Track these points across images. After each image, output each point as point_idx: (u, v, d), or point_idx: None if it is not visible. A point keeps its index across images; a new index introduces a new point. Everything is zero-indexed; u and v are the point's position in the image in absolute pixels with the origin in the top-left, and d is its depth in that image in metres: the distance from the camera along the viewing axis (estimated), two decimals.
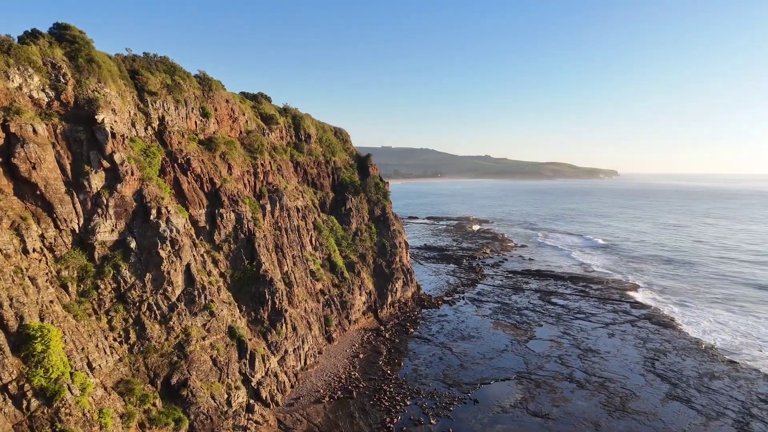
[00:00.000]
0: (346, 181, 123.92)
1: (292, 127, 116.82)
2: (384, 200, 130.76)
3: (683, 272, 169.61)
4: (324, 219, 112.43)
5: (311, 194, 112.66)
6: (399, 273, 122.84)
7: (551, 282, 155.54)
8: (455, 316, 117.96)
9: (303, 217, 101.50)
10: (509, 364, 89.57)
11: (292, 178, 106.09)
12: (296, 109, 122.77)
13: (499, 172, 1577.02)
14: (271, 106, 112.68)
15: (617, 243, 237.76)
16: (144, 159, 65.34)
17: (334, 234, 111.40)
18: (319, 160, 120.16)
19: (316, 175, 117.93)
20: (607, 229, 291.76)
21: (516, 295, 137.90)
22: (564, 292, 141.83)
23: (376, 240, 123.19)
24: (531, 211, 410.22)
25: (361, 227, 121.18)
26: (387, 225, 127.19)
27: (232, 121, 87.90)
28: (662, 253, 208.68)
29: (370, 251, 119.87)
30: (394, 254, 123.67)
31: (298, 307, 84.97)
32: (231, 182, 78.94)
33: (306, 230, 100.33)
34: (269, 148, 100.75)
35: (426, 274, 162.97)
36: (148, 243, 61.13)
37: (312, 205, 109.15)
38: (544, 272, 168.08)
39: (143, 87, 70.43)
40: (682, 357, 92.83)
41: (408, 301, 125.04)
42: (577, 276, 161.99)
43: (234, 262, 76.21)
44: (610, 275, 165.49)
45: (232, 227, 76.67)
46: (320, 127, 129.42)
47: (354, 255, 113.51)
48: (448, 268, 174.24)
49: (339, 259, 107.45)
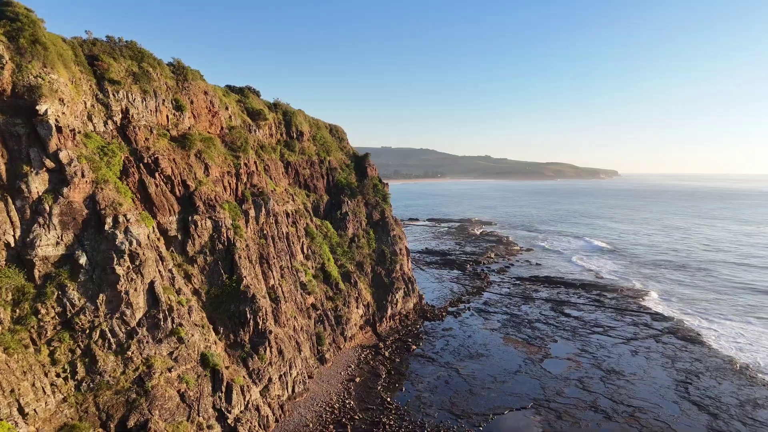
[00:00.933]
0: (342, 183, 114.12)
1: (282, 124, 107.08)
2: (383, 203, 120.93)
3: (700, 279, 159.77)
4: (317, 224, 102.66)
5: (303, 197, 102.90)
6: (400, 282, 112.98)
7: (562, 290, 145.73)
8: (461, 330, 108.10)
9: (293, 222, 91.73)
10: (524, 389, 79.66)
11: (281, 180, 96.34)
12: (288, 105, 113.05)
13: (500, 172, 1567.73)
14: (260, 101, 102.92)
15: (626, 246, 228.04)
16: (101, 158, 55.59)
17: (328, 241, 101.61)
18: (312, 160, 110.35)
19: (309, 176, 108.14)
20: (613, 232, 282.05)
21: (526, 306, 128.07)
22: (577, 301, 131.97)
23: (374, 247, 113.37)
24: (534, 213, 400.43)
25: (358, 233, 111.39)
26: (386, 230, 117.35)
27: (212, 115, 78.05)
28: (674, 257, 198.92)
29: (368, 259, 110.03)
30: (395, 262, 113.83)
31: (285, 325, 75.10)
32: (208, 185, 69.09)
33: (297, 237, 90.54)
34: (255, 147, 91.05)
35: (428, 282, 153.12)
36: (102, 258, 51.25)
37: (304, 209, 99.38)
38: (553, 279, 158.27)
39: (103, 75, 60.57)
40: (717, 380, 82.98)
41: (410, 313, 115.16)
42: (589, 283, 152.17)
43: (210, 277, 66.33)
44: (624, 282, 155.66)
45: (208, 236, 66.78)
46: (314, 124, 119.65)
47: (350, 264, 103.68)
48: (451, 275, 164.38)
49: (333, 268, 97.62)
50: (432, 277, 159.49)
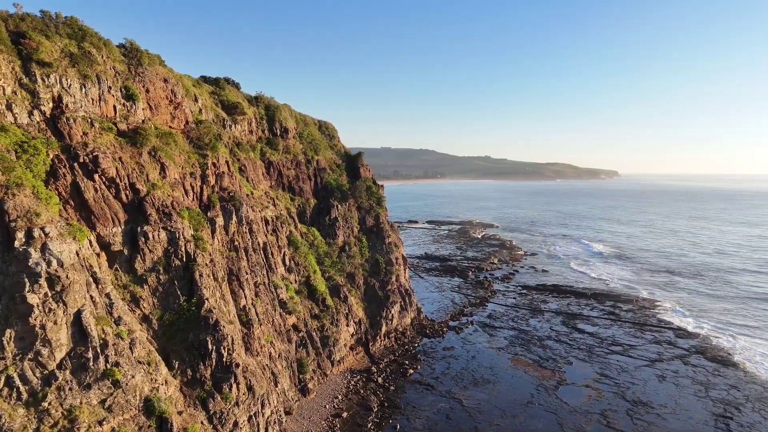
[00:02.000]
0: (331, 185, 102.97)
1: (264, 120, 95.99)
2: (378, 207, 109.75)
3: (719, 288, 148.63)
4: (303, 232, 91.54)
5: (287, 201, 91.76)
6: (395, 295, 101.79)
7: (572, 300, 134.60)
8: (464, 350, 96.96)
9: (274, 230, 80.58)
10: (539, 425, 68.47)
11: (261, 182, 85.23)
12: (272, 98, 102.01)
13: (500, 172, 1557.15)
14: (238, 94, 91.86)
15: (634, 251, 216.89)
16: (17, 156, 44.53)
17: (314, 250, 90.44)
18: (298, 160, 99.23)
19: (294, 177, 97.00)
20: (619, 235, 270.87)
21: (534, 319, 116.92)
22: (590, 314, 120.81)
23: (367, 256, 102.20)
24: (536, 215, 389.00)
25: (349, 240, 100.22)
26: (381, 237, 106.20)
27: (174, 107, 66.84)
28: (686, 263, 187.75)
29: (360, 270, 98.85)
30: (390, 273, 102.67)
31: (259, 353, 63.95)
32: (164, 188, 57.94)
33: (277, 248, 79.39)
34: (231, 144, 79.99)
35: (427, 291, 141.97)
36: (11, 283, 40.15)
37: (287, 215, 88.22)
38: (562, 288, 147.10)
39: (31, 55, 49.51)
40: (761, 412, 71.95)
41: (407, 329, 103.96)
42: (600, 293, 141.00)
43: (164, 300, 55.14)
44: (637, 291, 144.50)
45: (162, 251, 55.59)
46: (301, 119, 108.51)
47: (340, 276, 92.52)
48: (452, 283, 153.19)
49: (320, 282, 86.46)
50: (432, 286, 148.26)
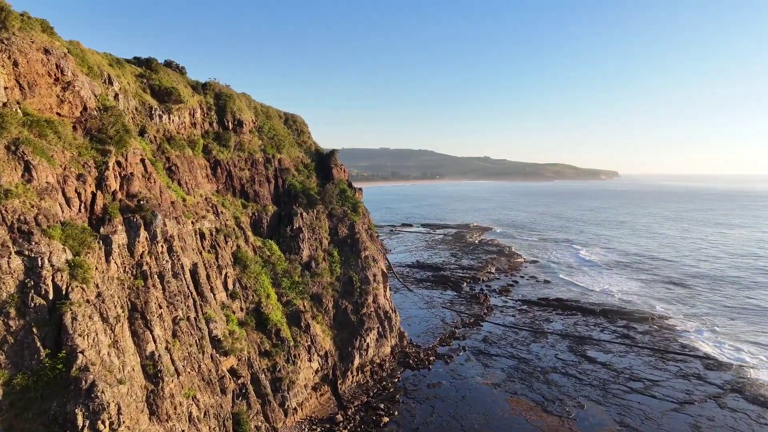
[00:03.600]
0: (295, 188, 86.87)
1: (213, 111, 79.88)
2: (353, 214, 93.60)
3: (745, 304, 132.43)
4: (257, 246, 75.39)
5: (236, 209, 75.63)
6: (372, 320, 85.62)
7: (579, 319, 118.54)
8: (453, 386, 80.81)
9: (213, 246, 64.39)
10: None
11: (202, 185, 69.14)
12: (226, 86, 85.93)
13: (500, 173, 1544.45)
14: (179, 79, 75.75)
15: (644, 259, 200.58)
16: None
17: (270, 269, 74.26)
18: (254, 158, 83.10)
19: (249, 179, 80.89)
20: (625, 240, 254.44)
21: (536, 344, 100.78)
22: (601, 337, 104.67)
23: (338, 273, 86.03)
24: (536, 218, 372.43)
25: (316, 255, 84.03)
26: (356, 250, 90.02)
27: (62, 87, 50.56)
28: (704, 273, 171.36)
29: (328, 290, 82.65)
30: (366, 293, 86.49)
31: (171, 418, 47.73)
32: (25, 196, 41.79)
33: (216, 269, 63.17)
34: (159, 139, 63.90)
35: (416, 308, 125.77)
36: None
37: (235, 225, 72.07)
38: (567, 303, 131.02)
39: None
40: None
41: (385, 360, 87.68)
42: (611, 309, 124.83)
43: (16, 356, 39.03)
44: (652, 307, 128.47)
45: (15, 286, 39.45)
46: (262, 111, 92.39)
47: (302, 299, 76.31)
48: (444, 297, 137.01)
49: (275, 308, 70.23)
50: (421, 301, 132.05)
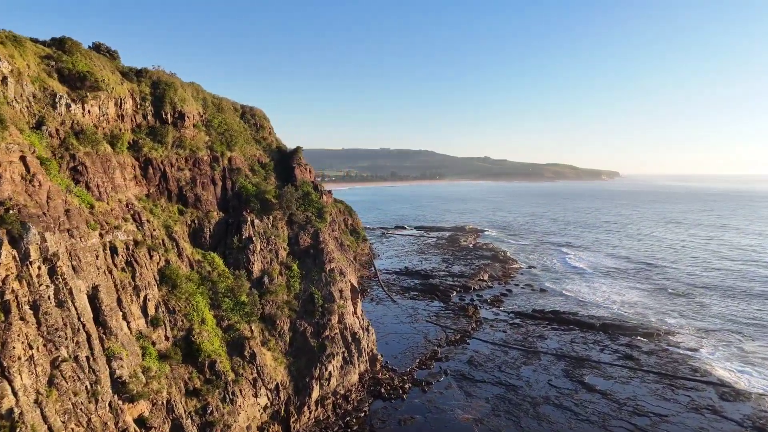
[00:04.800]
0: (247, 191, 75.44)
1: (148, 101, 68.51)
2: (318, 221, 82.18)
3: (760, 316, 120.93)
4: (196, 260, 64.02)
5: (169, 215, 64.24)
6: (336, 344, 74.13)
7: (576, 334, 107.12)
8: (428, 421, 69.33)
9: (130, 263, 52.99)
10: None
11: (123, 188, 57.78)
12: (169, 74, 74.64)
13: (500, 173, 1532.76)
14: (105, 63, 64.34)
15: (647, 264, 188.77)
16: None
17: (209, 286, 62.86)
18: (197, 157, 71.71)
19: (189, 181, 69.50)
20: (627, 243, 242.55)
21: (528, 366, 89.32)
22: (600, 358, 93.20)
23: (298, 289, 74.60)
24: (535, 220, 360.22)
25: (270, 269, 72.55)
26: (320, 262, 78.56)
27: None
28: (714, 282, 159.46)
29: (284, 310, 71.17)
30: (329, 312, 74.98)
31: None
32: None
33: (132, 290, 51.68)
34: (64, 132, 52.56)
35: (397, 322, 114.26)
36: None
37: (166, 236, 60.68)
38: (563, 315, 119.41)
39: None
40: None
41: (352, 390, 76.06)
42: (611, 323, 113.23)
43: None
44: (657, 320, 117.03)
45: None
46: (213, 104, 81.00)
47: (248, 322, 64.79)
48: (430, 309, 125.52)
49: (211, 335, 58.77)
50: (404, 314, 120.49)
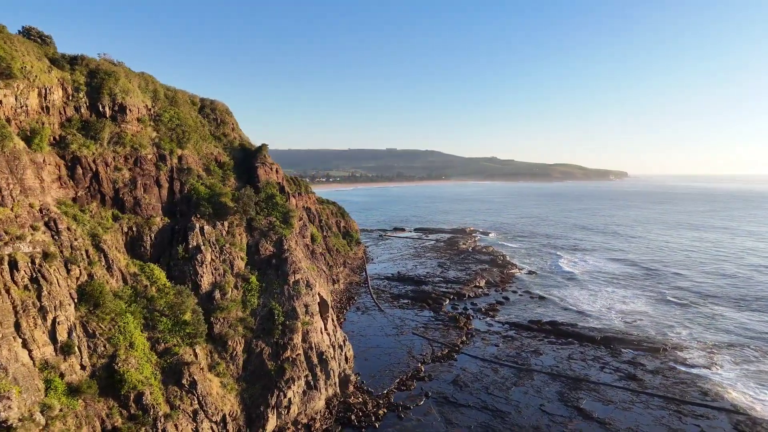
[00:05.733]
0: (199, 194, 67.39)
1: (83, 92, 60.71)
2: (283, 227, 74.02)
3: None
4: (131, 273, 56.07)
5: (101, 222, 56.31)
6: (298, 367, 65.86)
7: (575, 349, 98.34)
8: None
9: (35, 279, 45.10)
10: None
11: (38, 191, 49.91)
12: (112, 62, 66.84)
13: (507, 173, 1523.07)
14: (31, 49, 56.60)
15: (657, 269, 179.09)
16: None
17: (146, 304, 54.86)
18: (139, 155, 63.78)
19: (127, 182, 61.56)
20: (634, 247, 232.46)
21: (519, 388, 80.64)
22: (600, 378, 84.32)
23: (256, 304, 66.44)
24: (540, 221, 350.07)
25: (223, 282, 64.48)
26: (283, 273, 70.33)
27: None
28: (728, 290, 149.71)
29: (238, 329, 63.07)
30: (292, 330, 66.72)
31: None
32: None
33: (38, 311, 43.79)
34: None
35: (381, 334, 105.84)
36: None
37: (92, 245, 52.77)
38: (562, 327, 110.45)
39: None
40: None
41: (316, 418, 67.57)
42: (614, 336, 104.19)
43: None
44: (664, 332, 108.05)
45: None
46: (167, 96, 72.99)
47: (190, 345, 56.66)
48: (419, 319, 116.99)
49: (141, 362, 50.65)
50: (390, 326, 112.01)
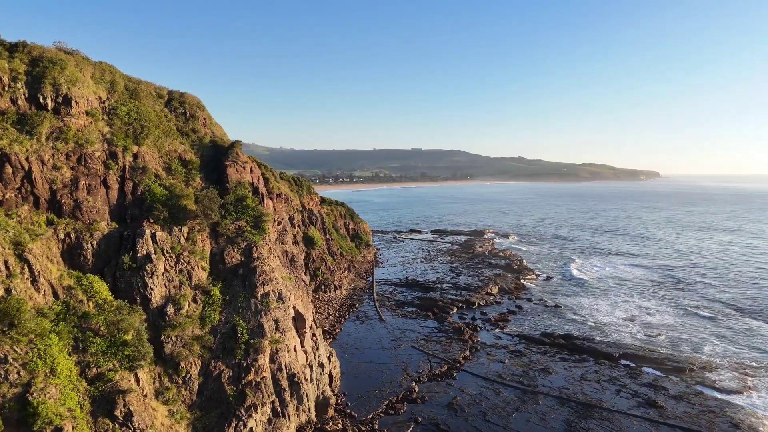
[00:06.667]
0: (154, 196, 60.48)
1: (21, 82, 54.46)
2: (254, 233, 66.61)
3: None
4: (65, 286, 49.35)
5: (30, 228, 49.73)
6: (262, 391, 58.33)
7: (589, 367, 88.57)
8: None
9: None
10: None
11: None
12: (65, 50, 60.56)
13: (534, 174, 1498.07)
14: None
15: (687, 277, 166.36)
16: None
17: (77, 322, 48.01)
18: (84, 153, 57.18)
19: (68, 183, 54.93)
20: (665, 252, 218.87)
21: (522, 413, 71.51)
22: (615, 404, 74.46)
23: (217, 320, 59.21)
24: (564, 223, 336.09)
25: (179, 295, 57.37)
26: (251, 285, 62.90)
27: None
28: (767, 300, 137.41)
29: (194, 347, 55.88)
30: (257, 349, 59.22)
31: None
32: None
33: None
34: None
35: (377, 347, 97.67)
36: None
37: (14, 255, 46.14)
38: (577, 341, 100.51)
39: None
40: None
41: None
42: (634, 353, 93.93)
43: None
44: (694, 351, 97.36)
45: None
46: (128, 87, 66.26)
47: (130, 369, 49.64)
48: (420, 330, 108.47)
49: (63, 392, 43.73)
50: (388, 337, 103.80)
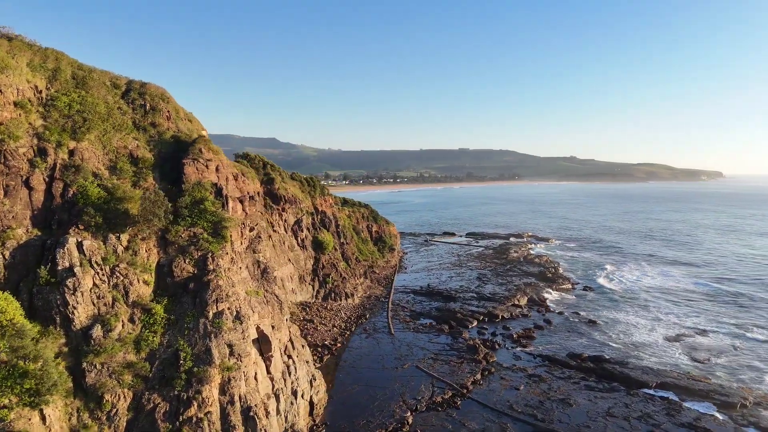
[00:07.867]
0: (87, 198, 53.07)
1: None
2: (210, 241, 58.26)
3: None
4: None
5: None
6: (204, 430, 49.83)
7: (618, 399, 75.48)
8: None
9: None
10: None
11: None
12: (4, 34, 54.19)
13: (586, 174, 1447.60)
14: None
15: (745, 292, 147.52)
16: None
17: None
18: (6, 148, 50.22)
19: None
20: (726, 260, 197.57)
21: None
22: None
23: (157, 344, 51.15)
24: (611, 226, 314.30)
25: (110, 315, 49.60)
26: (202, 302, 54.55)
27: None
28: None
29: (123, 377, 47.86)
30: (201, 379, 50.67)
31: None
32: None
33: None
34: None
35: (377, 366, 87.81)
36: None
37: None
38: (607, 366, 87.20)
39: None
40: None
41: None
42: (675, 383, 79.94)
43: None
44: (748, 382, 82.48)
45: None
46: (76, 76, 59.34)
47: (32, 405, 42.04)
48: (431, 346, 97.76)
49: None
50: (393, 354, 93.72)
